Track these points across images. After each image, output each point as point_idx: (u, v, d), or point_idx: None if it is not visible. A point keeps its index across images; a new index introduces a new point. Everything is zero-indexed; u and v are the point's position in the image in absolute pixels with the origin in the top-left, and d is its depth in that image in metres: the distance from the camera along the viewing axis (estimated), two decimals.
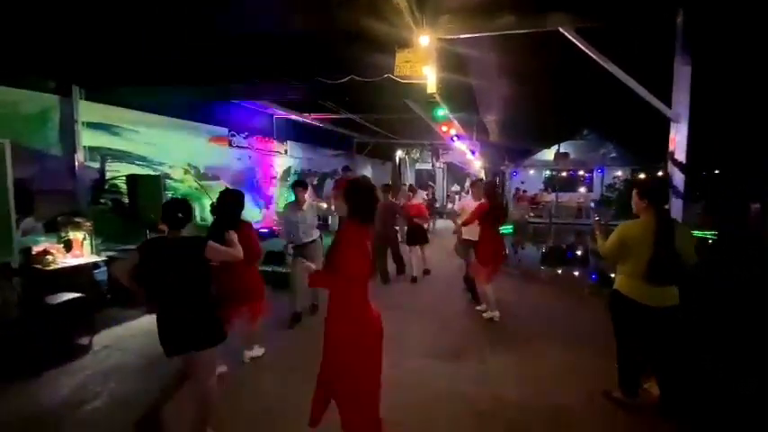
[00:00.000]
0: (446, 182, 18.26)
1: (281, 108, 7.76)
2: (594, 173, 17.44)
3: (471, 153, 9.94)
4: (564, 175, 17.65)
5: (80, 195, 4.84)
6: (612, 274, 2.76)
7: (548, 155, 16.04)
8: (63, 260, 4.12)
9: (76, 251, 4.31)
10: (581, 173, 17.79)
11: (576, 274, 7.85)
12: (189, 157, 6.57)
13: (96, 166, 5.12)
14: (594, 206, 11.73)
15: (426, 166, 17.51)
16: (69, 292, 3.78)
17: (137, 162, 5.62)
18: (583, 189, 17.96)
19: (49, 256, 4.00)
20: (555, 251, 10.64)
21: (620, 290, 2.58)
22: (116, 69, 4.62)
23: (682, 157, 3.45)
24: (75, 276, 4.12)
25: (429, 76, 3.54)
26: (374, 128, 9.84)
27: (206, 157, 6.94)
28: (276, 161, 9.02)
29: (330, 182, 10.84)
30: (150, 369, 3.30)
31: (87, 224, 4.46)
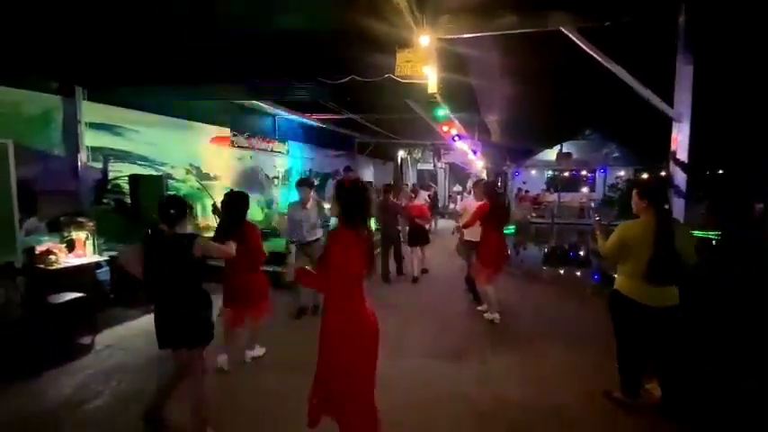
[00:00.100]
0: (448, 182, 18.25)
1: (282, 108, 7.77)
2: (597, 173, 17.39)
3: (473, 153, 9.93)
4: (566, 175, 17.61)
5: (83, 195, 4.86)
6: (615, 275, 2.76)
7: (550, 155, 15.99)
8: (66, 260, 4.15)
9: (79, 251, 4.33)
10: (583, 173, 17.74)
11: (579, 274, 7.83)
12: (191, 158, 6.59)
13: (99, 166, 5.14)
14: (595, 206, 11.70)
15: (428, 167, 17.52)
16: (72, 291, 3.80)
17: (139, 162, 5.64)
18: (585, 189, 17.91)
19: (51, 256, 4.03)
20: (557, 251, 10.61)
21: (620, 290, 2.58)
22: (118, 70, 4.64)
23: (684, 157, 3.44)
24: (78, 276, 4.14)
25: (430, 76, 3.53)
26: (375, 128, 9.84)
27: (208, 158, 6.96)
28: (278, 161, 9.04)
29: (332, 182, 10.86)
30: (152, 368, 3.32)
31: (90, 224, 4.49)
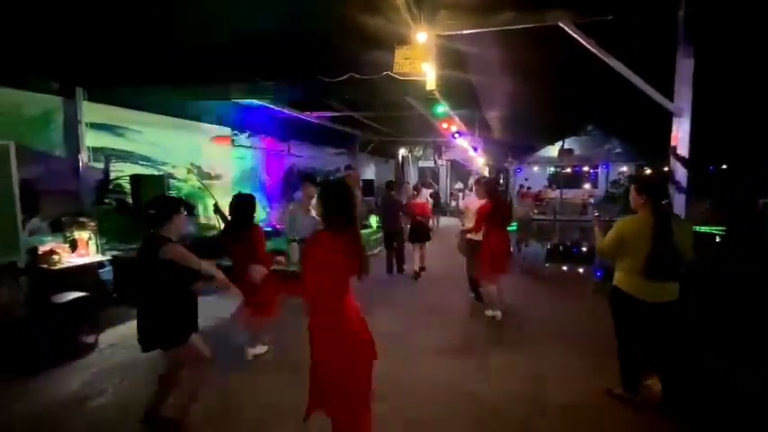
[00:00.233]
0: (449, 179, 18.21)
1: (283, 107, 7.77)
2: (599, 169, 17.29)
3: (473, 150, 9.90)
4: (568, 171, 17.52)
5: (85, 195, 4.90)
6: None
7: (552, 151, 15.89)
8: (68, 259, 4.18)
9: (82, 251, 4.36)
10: (585, 169, 17.65)
11: (581, 271, 7.80)
12: (192, 157, 6.62)
13: (100, 166, 5.18)
14: (594, 203, 11.67)
15: (429, 164, 17.48)
16: (75, 291, 3.83)
17: (140, 162, 5.67)
18: (588, 185, 17.83)
19: (54, 256, 4.06)
20: (559, 248, 10.59)
21: (619, 286, 2.57)
22: (118, 70, 4.65)
23: (684, 152, 3.41)
24: (81, 275, 4.18)
25: (428, 73, 3.53)
26: (376, 125, 9.82)
27: (209, 157, 6.99)
28: (278, 160, 9.06)
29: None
30: (155, 367, 3.34)
31: (92, 224, 4.52)
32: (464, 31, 3.48)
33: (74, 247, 4.31)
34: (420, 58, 3.42)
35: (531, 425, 2.67)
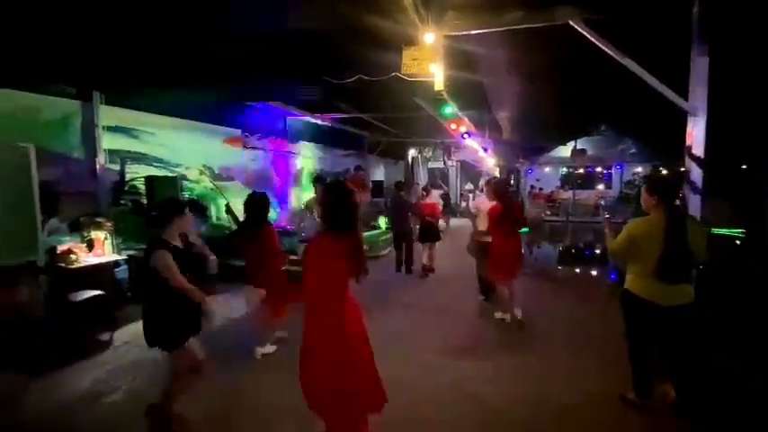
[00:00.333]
0: (459, 180, 18.11)
1: (293, 109, 7.86)
2: (613, 169, 16.98)
3: (483, 150, 9.84)
4: (581, 171, 17.25)
5: (101, 196, 5.03)
6: None
7: (564, 151, 15.68)
8: (85, 259, 4.28)
9: (98, 250, 4.47)
10: (599, 170, 17.35)
11: (595, 273, 7.67)
12: (204, 159, 6.74)
13: (116, 168, 5.31)
14: (605, 204, 11.46)
15: (439, 165, 17.41)
16: (91, 289, 3.93)
17: (154, 164, 5.80)
18: (601, 186, 17.52)
19: (72, 255, 4.17)
20: (572, 250, 10.42)
21: (630, 289, 2.52)
22: (134, 74, 4.77)
23: (699, 152, 3.34)
24: (97, 274, 4.28)
25: (436, 74, 3.52)
26: (385, 127, 9.84)
27: (221, 159, 7.10)
28: (289, 162, 9.15)
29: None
30: (167, 365, 3.41)
31: (108, 224, 4.63)
32: (472, 32, 3.46)
33: (91, 246, 4.42)
34: (428, 58, 3.42)
35: (538, 427, 2.64)
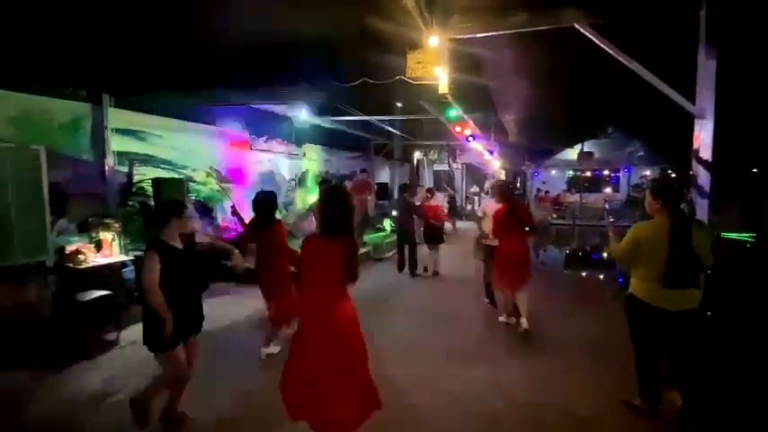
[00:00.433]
0: (465, 183, 18.05)
1: (298, 111, 7.90)
2: (621, 172, 16.82)
3: (489, 153, 9.81)
4: (588, 174, 17.12)
5: (109, 198, 5.09)
6: None
7: (570, 154, 15.58)
8: (93, 259, 4.33)
9: (106, 251, 4.52)
10: (606, 172, 17.20)
11: (602, 277, 7.59)
12: (211, 161, 6.80)
13: (124, 170, 5.38)
14: (609, 207, 11.39)
15: (444, 167, 17.38)
16: (99, 289, 3.98)
17: (162, 166, 5.87)
18: (608, 189, 17.37)
19: (80, 256, 4.22)
20: (579, 253, 10.33)
21: (635, 293, 2.49)
22: (143, 77, 4.84)
23: (707, 155, 3.30)
24: (105, 275, 4.32)
25: (440, 77, 3.53)
26: (391, 129, 9.87)
27: (227, 161, 7.16)
28: (295, 164, 9.20)
29: (348, 183, 10.94)
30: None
31: (116, 225, 4.68)
32: (477, 35, 3.47)
33: (99, 247, 4.48)
34: (432, 61, 3.43)
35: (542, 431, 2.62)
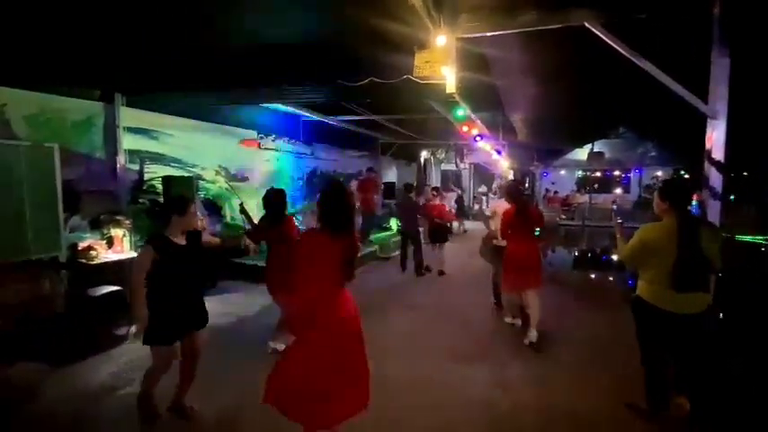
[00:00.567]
0: (472, 182, 17.97)
1: (306, 110, 7.95)
2: (632, 173, 16.59)
3: (497, 153, 9.75)
4: (598, 175, 16.92)
5: (121, 195, 5.18)
6: None
7: (580, 154, 15.40)
8: (105, 255, 4.42)
9: (117, 247, 4.61)
10: (617, 173, 16.98)
11: (611, 279, 7.49)
12: (220, 159, 6.87)
13: (135, 168, 5.46)
14: (617, 209, 11.26)
15: (452, 167, 17.32)
16: (110, 285, 4.08)
17: (172, 164, 5.94)
18: (619, 190, 17.15)
19: (92, 252, 4.32)
20: (588, 255, 10.21)
21: (641, 296, 2.46)
22: (154, 77, 4.91)
23: (719, 156, 3.23)
24: (116, 270, 4.41)
25: (448, 77, 3.51)
26: (398, 129, 9.85)
27: (236, 159, 7.22)
28: (302, 163, 9.25)
29: (355, 183, 10.97)
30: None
31: (127, 222, 4.77)
32: (485, 34, 3.44)
33: (110, 243, 4.57)
34: (440, 61, 3.41)
35: None
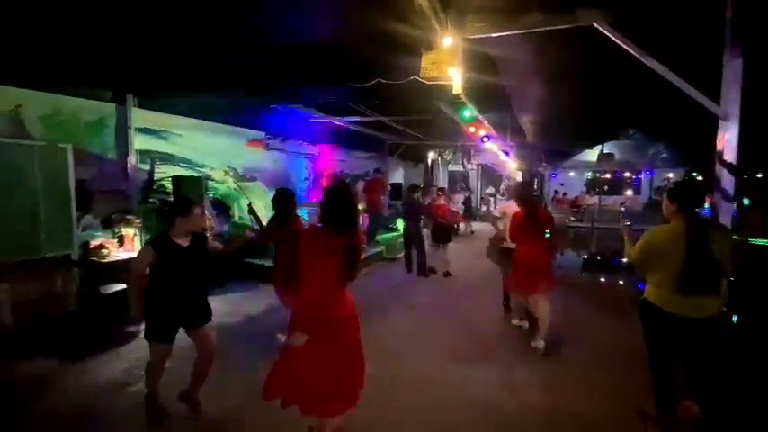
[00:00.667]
0: (480, 184, 17.88)
1: (314, 112, 7.99)
2: (643, 175, 16.35)
3: (505, 154, 9.69)
4: (608, 176, 16.70)
5: (132, 195, 5.28)
6: None
7: (590, 156, 15.19)
8: (116, 254, 4.50)
9: (128, 246, 4.69)
10: (627, 174, 16.74)
11: (621, 282, 7.39)
12: (229, 160, 6.96)
13: (146, 168, 5.56)
14: (625, 212, 11.10)
15: (459, 168, 17.26)
16: (121, 283, 4.13)
17: (181, 164, 6.04)
18: (629, 192, 16.91)
19: (104, 250, 4.40)
20: (597, 257, 10.07)
21: (649, 299, 2.43)
22: (165, 78, 4.98)
23: (732, 158, 3.18)
24: (127, 269, 4.46)
25: (454, 78, 3.51)
26: (405, 129, 9.85)
27: (244, 160, 7.31)
28: (310, 163, 9.31)
29: (362, 183, 11.00)
30: (191, 355, 3.53)
31: (138, 221, 4.85)
32: (492, 35, 3.43)
33: (121, 242, 4.65)
34: (446, 62, 3.41)
35: None
